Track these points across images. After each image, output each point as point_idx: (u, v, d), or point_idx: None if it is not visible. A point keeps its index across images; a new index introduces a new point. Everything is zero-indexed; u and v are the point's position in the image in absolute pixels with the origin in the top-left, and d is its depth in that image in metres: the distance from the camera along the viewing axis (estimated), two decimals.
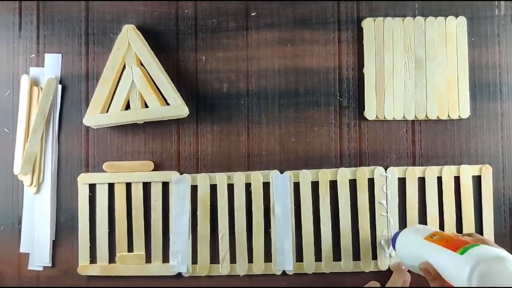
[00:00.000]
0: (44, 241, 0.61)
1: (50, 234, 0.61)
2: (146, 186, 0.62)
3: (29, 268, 0.62)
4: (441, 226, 0.60)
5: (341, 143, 0.62)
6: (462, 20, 0.62)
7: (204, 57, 0.63)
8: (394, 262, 0.59)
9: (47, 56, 0.63)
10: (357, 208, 0.60)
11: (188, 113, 0.60)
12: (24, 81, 0.62)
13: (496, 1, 0.63)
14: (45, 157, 0.62)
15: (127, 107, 0.61)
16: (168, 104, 0.60)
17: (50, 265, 0.61)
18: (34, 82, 0.62)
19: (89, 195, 0.61)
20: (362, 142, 0.62)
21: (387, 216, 0.60)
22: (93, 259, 0.61)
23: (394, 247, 0.56)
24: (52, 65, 0.63)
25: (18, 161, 0.61)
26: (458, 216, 0.60)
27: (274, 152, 0.62)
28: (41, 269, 0.61)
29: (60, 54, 0.63)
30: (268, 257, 0.61)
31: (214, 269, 0.61)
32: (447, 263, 0.46)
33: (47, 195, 0.61)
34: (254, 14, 0.63)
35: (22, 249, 0.62)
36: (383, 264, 0.60)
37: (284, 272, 0.60)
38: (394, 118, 0.61)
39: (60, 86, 0.62)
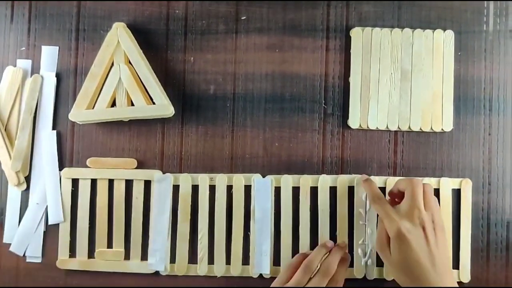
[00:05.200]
0: (37, 235, 0.62)
1: (42, 228, 0.62)
2: (129, 184, 0.62)
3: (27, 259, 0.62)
4: None
5: (324, 150, 0.62)
6: (450, 34, 0.62)
7: (192, 58, 0.63)
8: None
9: (44, 48, 0.63)
10: (336, 215, 0.61)
11: (174, 113, 0.61)
12: (7, 72, 0.63)
13: (485, 17, 0.63)
14: (33, 152, 0.62)
15: (113, 104, 0.61)
16: (154, 103, 0.61)
17: (40, 259, 0.62)
18: (23, 74, 0.63)
19: (72, 189, 0.62)
20: (345, 150, 0.62)
21: (365, 225, 0.61)
22: (72, 253, 0.62)
23: None
24: (48, 57, 0.63)
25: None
26: None
27: (258, 156, 0.62)
28: (36, 260, 0.62)
29: (57, 47, 0.63)
30: (246, 260, 0.61)
31: (192, 269, 0.61)
32: None
33: (39, 189, 0.62)
34: (244, 18, 0.63)
35: (6, 240, 0.62)
36: (359, 272, 0.60)
37: (261, 275, 0.61)
38: (377, 128, 0.62)
39: (55, 79, 0.63)
